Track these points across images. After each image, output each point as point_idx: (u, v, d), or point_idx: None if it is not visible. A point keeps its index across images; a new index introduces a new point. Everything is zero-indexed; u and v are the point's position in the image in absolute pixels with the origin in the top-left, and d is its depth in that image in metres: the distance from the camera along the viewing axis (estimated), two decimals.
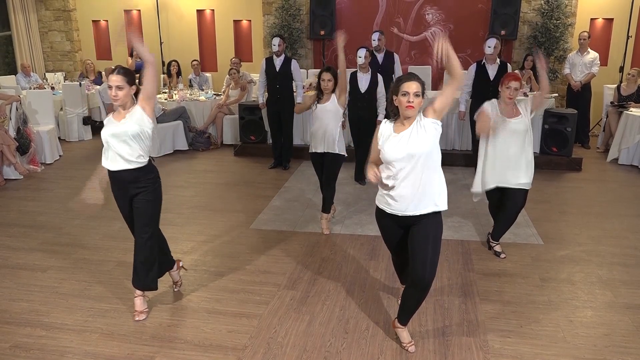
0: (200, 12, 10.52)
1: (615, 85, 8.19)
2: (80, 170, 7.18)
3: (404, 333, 3.20)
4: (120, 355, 3.14)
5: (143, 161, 3.34)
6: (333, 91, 4.76)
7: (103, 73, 9.37)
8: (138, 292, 3.55)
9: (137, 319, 3.50)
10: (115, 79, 3.21)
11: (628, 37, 8.79)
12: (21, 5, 10.44)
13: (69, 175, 6.92)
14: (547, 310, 3.62)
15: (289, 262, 4.36)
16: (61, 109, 8.91)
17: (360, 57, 6.00)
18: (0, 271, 4.21)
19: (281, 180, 6.65)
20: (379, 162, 2.99)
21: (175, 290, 3.85)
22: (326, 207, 4.98)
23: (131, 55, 10.18)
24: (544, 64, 4.09)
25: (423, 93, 2.84)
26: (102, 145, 3.36)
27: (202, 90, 9.27)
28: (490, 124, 4.05)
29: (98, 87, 8.96)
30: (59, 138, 8.40)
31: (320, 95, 4.80)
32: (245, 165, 7.42)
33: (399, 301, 3.60)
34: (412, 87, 2.79)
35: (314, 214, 5.39)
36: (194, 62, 9.57)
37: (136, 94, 3.35)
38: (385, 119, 3.01)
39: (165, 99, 8.62)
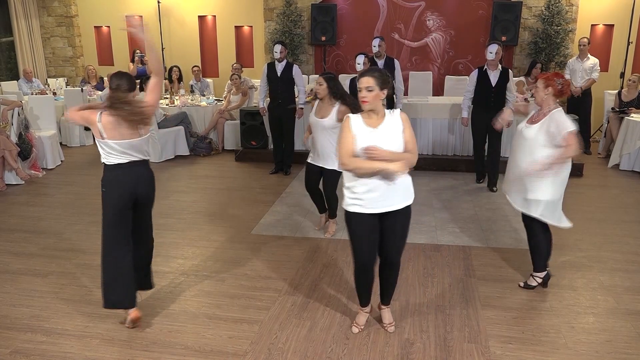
0: (201, 18, 10.56)
1: (616, 91, 8.20)
2: (82, 175, 7.19)
3: (387, 313, 3.41)
4: None
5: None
6: (333, 99, 4.52)
7: (105, 79, 9.39)
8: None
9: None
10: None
11: (629, 43, 8.81)
12: (23, 11, 10.49)
13: (70, 181, 6.92)
14: (549, 316, 3.61)
15: (290, 267, 4.35)
16: (63, 114, 8.94)
17: (358, 64, 6.01)
18: (1, 276, 4.21)
19: (282, 186, 6.65)
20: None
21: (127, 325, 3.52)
22: (332, 212, 4.99)
23: (132, 60, 10.22)
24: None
25: (382, 87, 2.93)
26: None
27: (204, 95, 9.30)
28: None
29: (100, 92, 8.99)
30: (61, 143, 8.42)
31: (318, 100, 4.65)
32: (246, 171, 7.42)
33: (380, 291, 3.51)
34: (363, 82, 2.92)
35: (315, 220, 5.37)
36: (195, 68, 9.60)
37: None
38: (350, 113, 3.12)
39: (166, 105, 8.64)
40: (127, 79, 3.30)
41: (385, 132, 2.96)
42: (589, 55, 8.18)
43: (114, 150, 3.23)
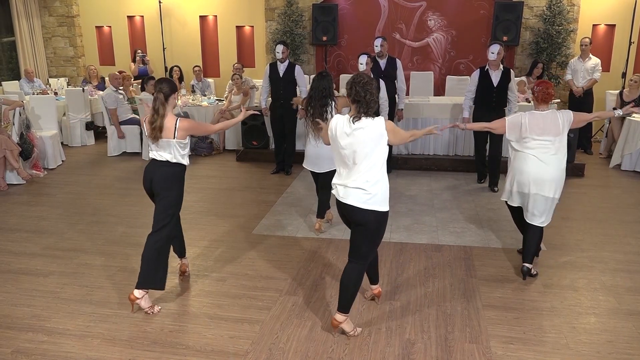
0: (203, 18, 10.56)
1: (618, 91, 8.19)
2: (83, 175, 7.19)
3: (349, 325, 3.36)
4: None
5: None
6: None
7: (106, 79, 9.40)
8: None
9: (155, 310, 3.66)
10: None
11: (630, 43, 8.80)
12: (25, 11, 10.49)
13: (71, 181, 6.93)
14: (550, 316, 3.61)
15: (291, 267, 4.35)
16: (64, 114, 8.94)
17: (361, 64, 6.00)
18: (2, 276, 4.21)
19: (283, 186, 6.65)
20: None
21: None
22: (321, 212, 4.98)
23: (134, 60, 10.23)
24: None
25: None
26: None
27: (205, 95, 9.30)
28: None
29: (101, 92, 8.99)
30: (62, 143, 8.42)
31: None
32: (247, 171, 7.42)
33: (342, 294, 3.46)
34: None
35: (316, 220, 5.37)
36: (196, 68, 9.61)
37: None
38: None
39: None
40: (167, 83, 3.58)
41: None
42: (590, 55, 8.17)
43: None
